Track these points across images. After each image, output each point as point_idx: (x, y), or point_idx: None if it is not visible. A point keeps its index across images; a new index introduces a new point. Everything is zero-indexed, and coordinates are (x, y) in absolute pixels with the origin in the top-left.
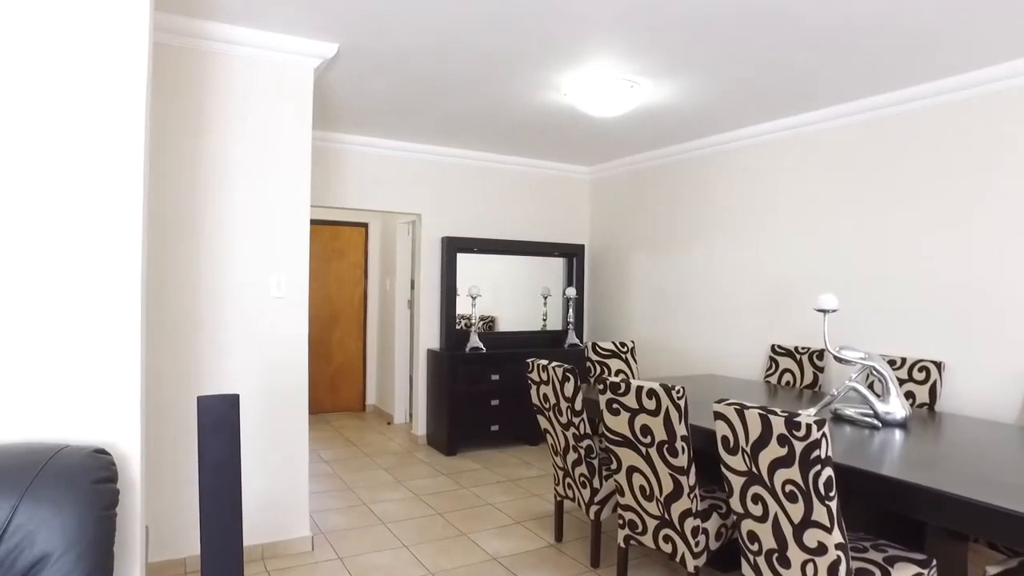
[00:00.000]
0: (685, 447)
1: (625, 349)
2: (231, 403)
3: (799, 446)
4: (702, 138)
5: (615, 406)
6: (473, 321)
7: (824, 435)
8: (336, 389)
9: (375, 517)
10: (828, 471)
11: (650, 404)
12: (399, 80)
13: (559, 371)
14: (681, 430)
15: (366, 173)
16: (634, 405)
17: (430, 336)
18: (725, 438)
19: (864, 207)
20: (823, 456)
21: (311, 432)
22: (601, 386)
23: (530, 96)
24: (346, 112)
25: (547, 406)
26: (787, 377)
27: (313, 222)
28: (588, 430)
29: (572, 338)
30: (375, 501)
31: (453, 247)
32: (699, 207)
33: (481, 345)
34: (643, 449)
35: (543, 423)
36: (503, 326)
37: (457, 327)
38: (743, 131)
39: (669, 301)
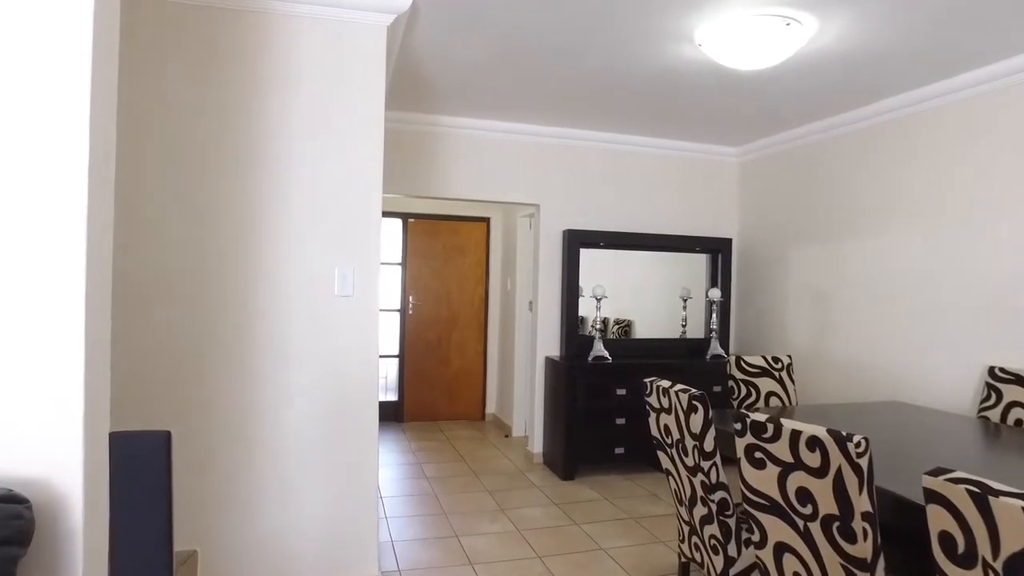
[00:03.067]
0: (869, 530)
1: (779, 366)
2: (157, 444)
3: None
4: (884, 99)
5: (758, 455)
6: (597, 326)
7: None
8: (453, 396)
9: (464, 555)
10: None
11: (812, 459)
12: (493, 41)
13: (683, 398)
14: (862, 503)
15: (477, 160)
16: (787, 458)
17: (549, 342)
18: (947, 537)
19: None
20: None
21: (420, 442)
22: (739, 425)
23: (656, 52)
24: (445, 90)
25: (668, 441)
26: (1018, 413)
27: (430, 216)
28: (723, 479)
29: (715, 348)
30: (469, 533)
31: (575, 241)
32: (880, 190)
33: (606, 354)
34: (800, 523)
35: (664, 461)
36: (639, 331)
37: (580, 332)
38: (948, 83)
39: (837, 307)
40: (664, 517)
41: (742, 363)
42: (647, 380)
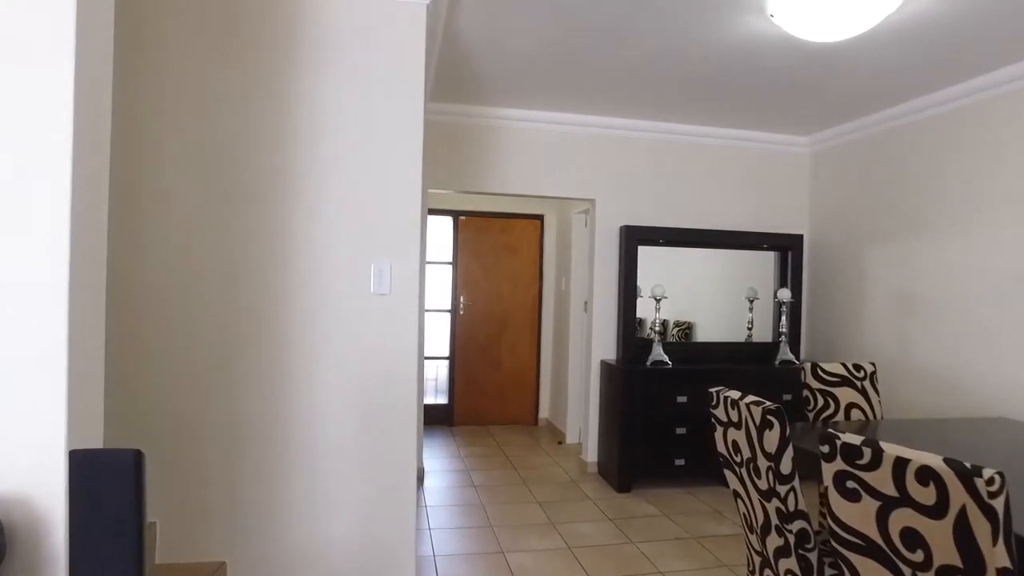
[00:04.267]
0: None
1: (861, 375)
2: (125, 463)
3: None
4: (977, 76)
5: (851, 484)
6: (656, 328)
7: None
8: (505, 400)
9: (509, 574)
10: None
11: (924, 495)
12: (542, 23)
13: (756, 412)
14: (998, 557)
15: (529, 153)
16: (889, 491)
17: (604, 345)
18: None
19: None
20: None
21: (469, 448)
22: (826, 447)
23: (722, 28)
24: (494, 80)
25: (737, 459)
26: None
27: (482, 214)
28: (803, 506)
29: (785, 353)
30: (516, 549)
31: (633, 238)
32: (971, 180)
33: (666, 358)
34: (907, 571)
35: (732, 481)
36: (700, 334)
37: (638, 335)
38: None
39: (922, 309)
40: (730, 538)
41: (819, 371)
42: (713, 390)
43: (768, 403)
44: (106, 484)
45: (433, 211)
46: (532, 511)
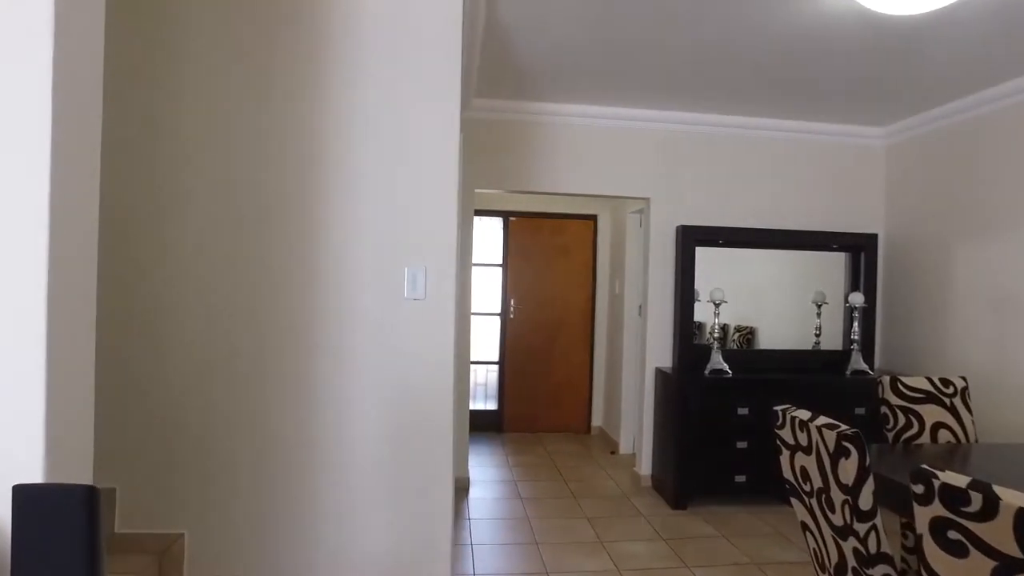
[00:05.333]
0: None
1: (950, 390)
2: (74, 501)
3: None
4: None
5: (954, 535)
6: (715, 334)
7: None
8: (556, 407)
9: None
10: None
11: None
12: (591, 8)
13: (830, 437)
14: None
15: (581, 150)
16: (1011, 551)
17: (660, 351)
18: None
19: None
20: None
21: (518, 457)
22: (921, 487)
23: (790, 9)
24: (542, 73)
25: (807, 488)
26: None
27: (533, 215)
28: (886, 547)
29: (858, 363)
30: (562, 570)
31: (690, 239)
32: None
33: (725, 367)
34: None
35: (800, 512)
36: (763, 341)
37: (695, 341)
38: None
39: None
40: (796, 566)
41: (899, 385)
42: (779, 409)
43: (844, 427)
44: (55, 523)
45: (482, 212)
46: (580, 527)
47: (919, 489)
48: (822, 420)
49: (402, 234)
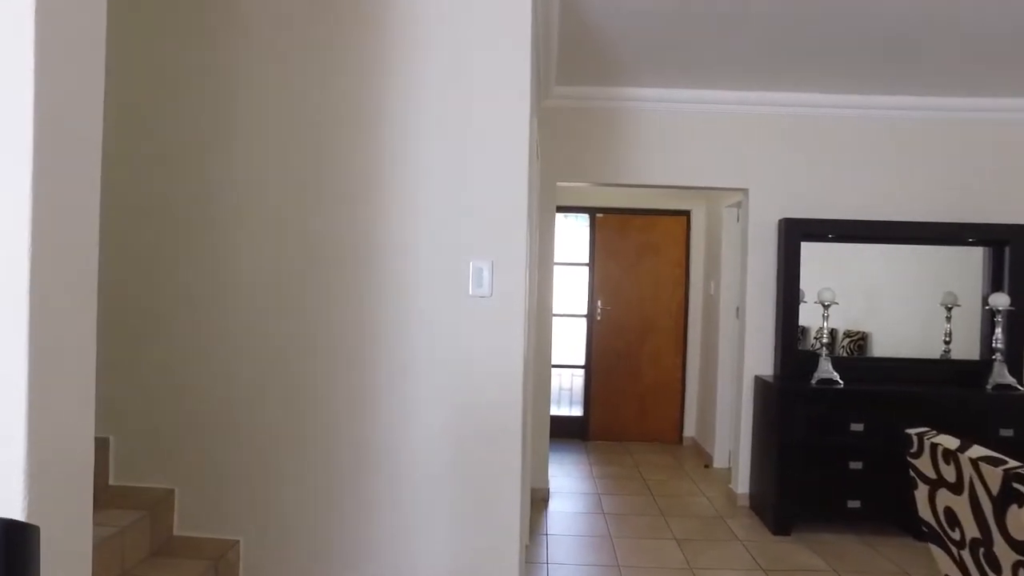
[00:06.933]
0: None
1: None
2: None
3: None
4: None
5: None
6: (823, 340)
7: None
8: (645, 414)
9: None
10: None
11: None
12: None
13: (994, 476)
14: None
15: (672, 138)
16: None
17: (759, 357)
18: None
19: None
20: None
21: (603, 467)
22: None
23: None
24: (627, 54)
25: (955, 536)
26: None
27: (621, 211)
28: None
29: (1002, 375)
30: None
31: (795, 233)
32: None
33: (836, 376)
34: None
35: (943, 563)
36: (878, 348)
37: (800, 347)
38: None
39: None
40: None
41: None
42: (913, 433)
43: (1014, 463)
44: None
45: (566, 208)
46: (668, 550)
47: None
48: (978, 451)
49: (467, 227)
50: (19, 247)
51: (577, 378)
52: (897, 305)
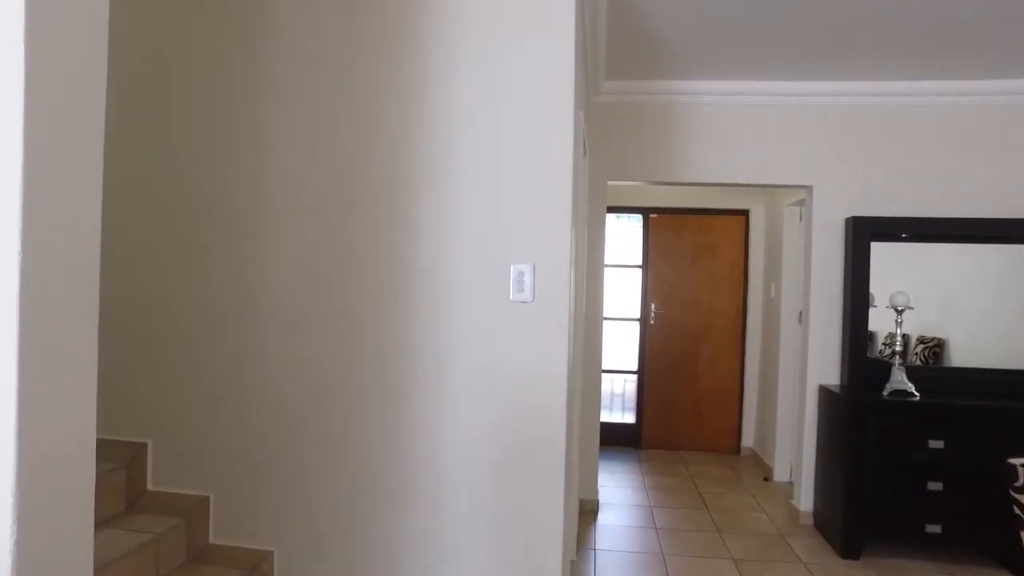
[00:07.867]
0: None
1: None
2: None
3: None
4: None
5: None
6: (895, 347)
7: None
8: (701, 422)
9: None
10: None
11: None
12: None
13: None
14: None
15: (728, 134)
16: None
17: (824, 365)
18: None
19: None
20: None
21: (656, 478)
22: None
23: None
24: (680, 45)
25: None
26: None
27: (676, 211)
28: None
29: None
30: None
31: (864, 232)
32: None
33: (911, 387)
34: None
35: None
36: (956, 356)
37: (871, 355)
38: None
39: None
40: None
41: None
42: (1018, 463)
43: None
44: None
45: (618, 208)
46: (725, 571)
47: None
48: None
49: (507, 229)
50: (8, 248)
51: (630, 383)
52: (977, 309)
